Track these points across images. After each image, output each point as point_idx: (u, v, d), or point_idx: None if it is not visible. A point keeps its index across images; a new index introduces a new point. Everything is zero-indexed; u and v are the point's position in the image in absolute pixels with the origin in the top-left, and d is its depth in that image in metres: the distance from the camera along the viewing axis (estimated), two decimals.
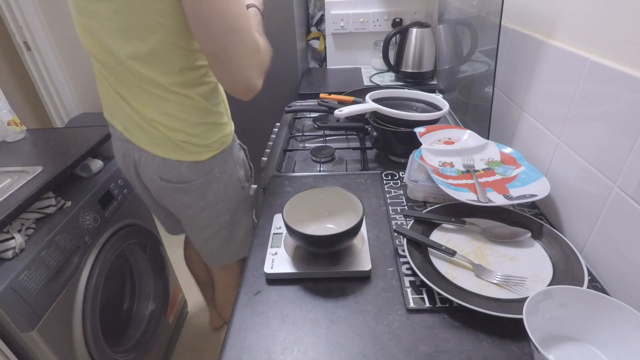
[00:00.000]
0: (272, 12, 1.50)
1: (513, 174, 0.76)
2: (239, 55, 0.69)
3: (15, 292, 0.83)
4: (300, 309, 0.59)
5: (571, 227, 0.69)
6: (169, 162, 0.86)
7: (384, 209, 0.79)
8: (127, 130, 0.87)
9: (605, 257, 0.60)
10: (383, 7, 1.68)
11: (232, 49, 0.68)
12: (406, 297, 0.59)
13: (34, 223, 0.96)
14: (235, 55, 0.69)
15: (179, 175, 0.88)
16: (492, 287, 0.58)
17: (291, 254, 0.67)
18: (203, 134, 0.85)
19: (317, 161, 1.03)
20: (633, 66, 0.54)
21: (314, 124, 1.26)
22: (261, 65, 0.74)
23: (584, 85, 0.64)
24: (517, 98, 0.88)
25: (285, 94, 1.65)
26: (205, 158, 0.87)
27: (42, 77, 1.86)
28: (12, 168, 1.05)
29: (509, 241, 0.67)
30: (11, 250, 0.86)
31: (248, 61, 0.71)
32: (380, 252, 0.68)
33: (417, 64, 1.53)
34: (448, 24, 1.27)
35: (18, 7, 1.69)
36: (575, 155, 0.67)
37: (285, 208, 0.65)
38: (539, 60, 0.77)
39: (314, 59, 1.89)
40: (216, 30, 0.66)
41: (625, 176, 0.55)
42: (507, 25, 0.90)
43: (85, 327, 1.03)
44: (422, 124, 0.92)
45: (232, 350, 0.53)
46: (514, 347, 0.51)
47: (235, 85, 0.74)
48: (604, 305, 0.49)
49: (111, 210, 1.19)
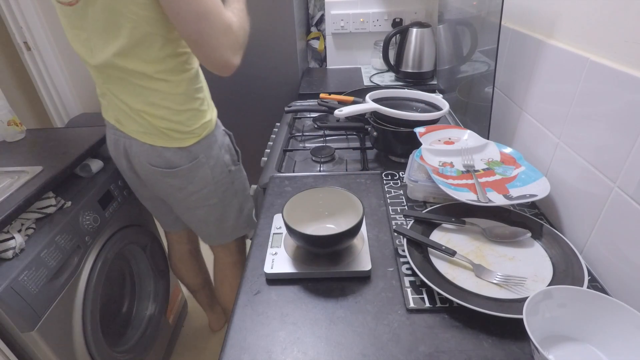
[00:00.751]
0: (272, 12, 1.50)
1: (513, 174, 0.76)
2: (211, 37, 0.74)
3: (15, 292, 0.83)
4: (300, 309, 0.59)
5: (571, 227, 0.69)
6: (156, 149, 0.93)
7: (384, 209, 0.79)
8: (119, 122, 0.94)
9: (605, 257, 0.60)
10: (383, 7, 1.68)
11: (205, 32, 0.73)
12: (406, 297, 0.59)
13: (34, 223, 0.96)
14: (209, 37, 0.74)
15: (166, 161, 0.94)
16: (492, 287, 0.58)
17: (291, 254, 0.67)
18: (186, 121, 0.91)
19: (317, 161, 1.03)
20: (633, 66, 0.54)
21: (314, 124, 1.26)
22: (235, 44, 0.79)
23: (584, 85, 0.64)
24: (517, 98, 0.88)
25: (285, 94, 1.65)
26: (189, 144, 0.94)
27: (42, 77, 1.86)
28: (12, 168, 1.05)
29: (509, 241, 0.67)
30: (11, 250, 0.86)
31: (221, 41, 0.75)
32: (380, 252, 0.68)
33: (417, 64, 1.53)
34: (448, 24, 1.27)
35: (18, 7, 1.69)
36: (575, 155, 0.67)
37: (285, 208, 0.65)
38: (539, 60, 0.77)
39: (314, 59, 1.89)
40: (188, 17, 0.72)
41: (625, 176, 0.55)
42: (507, 25, 0.90)
43: (85, 327, 1.03)
44: (422, 124, 0.92)
45: (232, 350, 0.53)
46: (514, 347, 0.51)
47: (212, 64, 0.79)
48: (604, 305, 0.49)
49: (111, 211, 1.19)
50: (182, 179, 0.98)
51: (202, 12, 0.72)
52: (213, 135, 0.98)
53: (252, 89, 1.66)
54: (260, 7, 1.49)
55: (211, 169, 1.00)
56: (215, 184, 1.02)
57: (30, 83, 1.91)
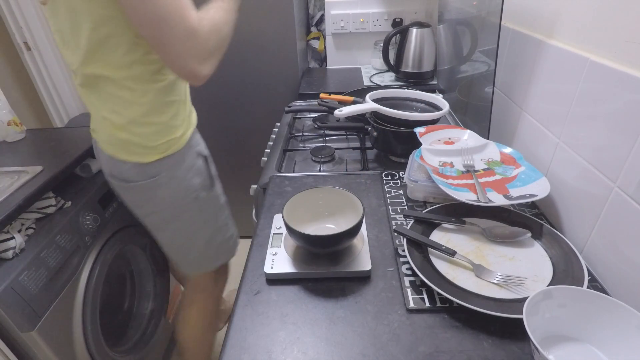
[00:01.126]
0: (272, 12, 1.50)
1: (513, 174, 0.76)
2: (172, 43, 0.66)
3: (15, 292, 0.83)
4: (300, 309, 0.59)
5: (571, 227, 0.69)
6: (115, 161, 0.86)
7: (384, 209, 0.79)
8: (94, 130, 0.89)
9: (605, 257, 0.60)
10: (383, 7, 1.68)
11: (164, 37, 0.65)
12: (406, 297, 0.59)
13: (34, 223, 0.96)
14: (169, 43, 0.66)
15: (123, 174, 0.87)
16: (492, 287, 0.58)
17: (291, 254, 0.67)
18: (150, 135, 0.82)
19: (317, 161, 1.03)
20: (633, 66, 0.54)
21: (314, 124, 1.26)
22: (202, 51, 0.69)
23: (584, 85, 0.64)
24: (517, 98, 0.88)
25: (285, 94, 1.65)
26: (149, 160, 0.84)
27: (42, 77, 1.86)
28: (12, 168, 1.05)
29: (509, 241, 0.67)
30: (11, 250, 0.86)
31: (184, 48, 0.67)
32: (380, 252, 0.68)
33: (417, 64, 1.53)
34: (448, 24, 1.27)
35: (18, 7, 1.69)
36: (575, 155, 0.67)
37: (285, 208, 0.65)
38: (539, 60, 0.77)
39: (314, 59, 1.89)
40: (144, 19, 0.64)
41: (625, 176, 0.55)
42: (507, 25, 0.90)
43: (85, 327, 1.03)
44: (422, 124, 0.92)
45: (232, 350, 0.53)
46: (514, 347, 0.51)
47: (177, 72, 0.72)
48: (604, 305, 0.49)
49: (111, 211, 1.19)
50: (138, 195, 0.90)
51: (160, 14, 0.63)
52: (180, 154, 0.87)
53: (252, 89, 1.66)
54: (260, 7, 1.49)
55: (172, 191, 0.89)
56: (175, 208, 0.92)
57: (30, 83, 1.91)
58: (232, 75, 1.62)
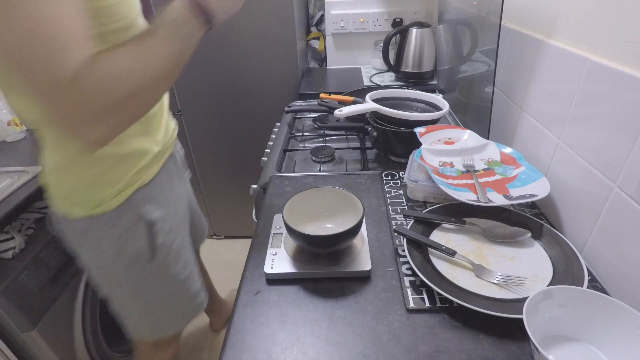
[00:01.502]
0: (272, 12, 1.50)
1: (513, 174, 0.76)
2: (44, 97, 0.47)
3: (15, 292, 0.83)
4: (300, 309, 0.59)
5: (571, 227, 0.69)
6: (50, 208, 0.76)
7: (384, 209, 0.79)
8: None
9: (605, 257, 0.60)
10: (383, 7, 1.68)
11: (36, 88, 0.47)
12: (406, 297, 0.59)
13: (34, 223, 0.96)
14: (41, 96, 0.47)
15: (55, 223, 0.77)
16: (492, 287, 0.58)
17: (291, 254, 0.67)
18: (70, 190, 0.70)
19: (317, 161, 1.03)
20: (633, 66, 0.54)
21: (314, 124, 1.26)
22: (84, 109, 0.48)
23: (584, 85, 0.64)
24: (517, 98, 0.88)
25: (285, 94, 1.65)
26: (74, 217, 0.72)
27: None
28: (12, 168, 1.05)
29: (509, 241, 0.67)
30: (11, 250, 0.86)
31: (60, 103, 0.47)
32: (380, 252, 0.68)
33: (417, 64, 1.53)
34: (448, 24, 1.27)
35: None
36: (575, 155, 0.67)
37: (285, 208, 0.65)
38: (539, 60, 0.77)
39: (314, 59, 1.89)
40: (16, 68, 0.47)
41: (625, 176, 0.55)
42: (507, 25, 0.90)
43: (85, 327, 1.03)
44: (422, 124, 0.92)
45: (232, 350, 0.53)
46: (514, 347, 0.51)
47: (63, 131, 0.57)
48: (604, 305, 0.49)
49: None
50: (71, 248, 0.78)
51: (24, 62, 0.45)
52: (108, 216, 0.72)
53: (252, 89, 1.66)
54: (260, 7, 1.49)
55: (100, 253, 0.76)
56: (104, 273, 0.80)
57: None
58: (232, 75, 1.62)
